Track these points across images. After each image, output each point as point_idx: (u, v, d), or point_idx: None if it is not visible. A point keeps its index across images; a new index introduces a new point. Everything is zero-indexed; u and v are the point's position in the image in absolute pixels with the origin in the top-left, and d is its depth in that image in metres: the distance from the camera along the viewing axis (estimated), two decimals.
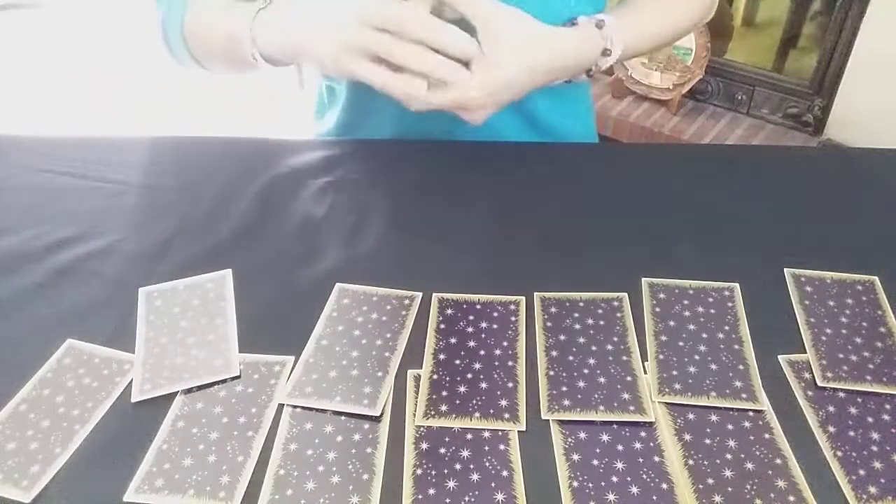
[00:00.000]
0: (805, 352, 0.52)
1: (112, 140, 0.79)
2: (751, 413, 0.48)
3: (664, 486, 0.44)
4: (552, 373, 0.51)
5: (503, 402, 0.49)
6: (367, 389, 0.50)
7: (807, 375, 0.51)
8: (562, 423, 0.48)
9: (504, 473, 0.44)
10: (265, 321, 0.56)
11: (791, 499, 0.43)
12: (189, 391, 0.51)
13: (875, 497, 0.43)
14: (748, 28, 1.99)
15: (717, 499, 0.43)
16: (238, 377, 0.51)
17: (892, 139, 1.66)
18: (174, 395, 0.50)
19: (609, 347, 0.53)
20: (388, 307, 0.56)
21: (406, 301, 0.57)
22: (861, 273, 0.58)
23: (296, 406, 0.49)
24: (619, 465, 0.45)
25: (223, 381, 0.51)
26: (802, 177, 0.71)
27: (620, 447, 0.46)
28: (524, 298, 0.57)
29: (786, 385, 0.50)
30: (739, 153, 0.89)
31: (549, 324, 0.55)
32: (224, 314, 0.56)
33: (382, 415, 0.48)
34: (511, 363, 0.52)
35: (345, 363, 0.52)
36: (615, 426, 0.47)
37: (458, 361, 0.52)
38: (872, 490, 0.43)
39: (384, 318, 0.55)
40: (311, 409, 0.49)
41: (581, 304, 0.56)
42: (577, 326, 0.54)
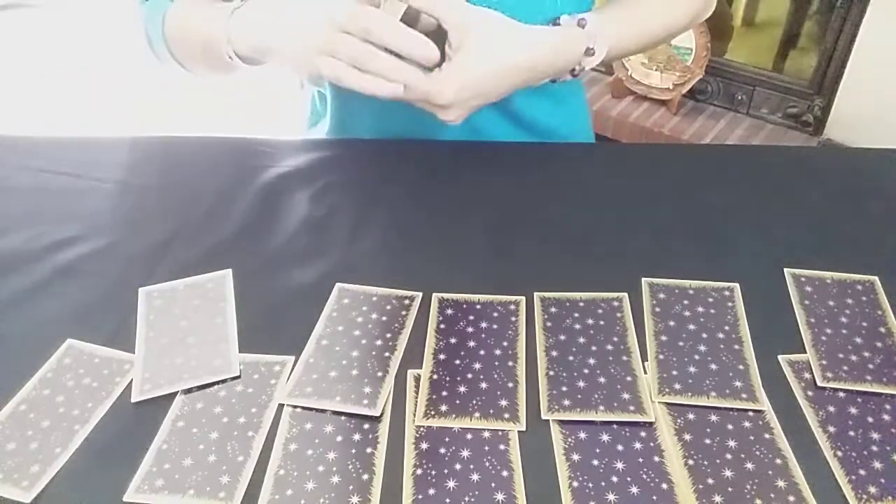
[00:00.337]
0: (805, 352, 0.52)
1: (112, 140, 0.79)
2: (751, 413, 0.48)
3: (664, 486, 0.44)
4: (552, 373, 0.51)
5: (503, 402, 0.49)
6: (367, 389, 0.50)
7: (807, 375, 0.51)
8: (562, 423, 0.48)
9: (504, 473, 0.44)
10: (265, 321, 0.56)
11: (791, 499, 0.43)
12: (189, 391, 0.51)
13: (875, 497, 0.43)
14: (748, 28, 1.99)
15: (717, 499, 0.43)
16: (238, 377, 0.51)
17: (892, 139, 1.66)
18: (174, 395, 0.50)
19: (609, 347, 0.53)
20: (388, 307, 0.56)
21: (406, 301, 0.57)
22: (861, 273, 0.58)
23: (296, 406, 0.49)
24: (619, 465, 0.45)
25: (223, 381, 0.51)
26: (802, 177, 0.71)
27: (620, 447, 0.46)
28: (524, 298, 0.57)
29: (786, 385, 0.50)
30: (739, 153, 0.89)
31: (549, 324, 0.55)
32: (224, 314, 0.56)
33: (382, 415, 0.48)
34: (511, 363, 0.52)
35: (345, 363, 0.52)
36: (615, 426, 0.47)
37: (458, 361, 0.52)
38: (872, 490, 0.43)
39: (384, 318, 0.55)
40: (311, 409, 0.49)
41: (581, 304, 0.56)
42: (577, 326, 0.54)
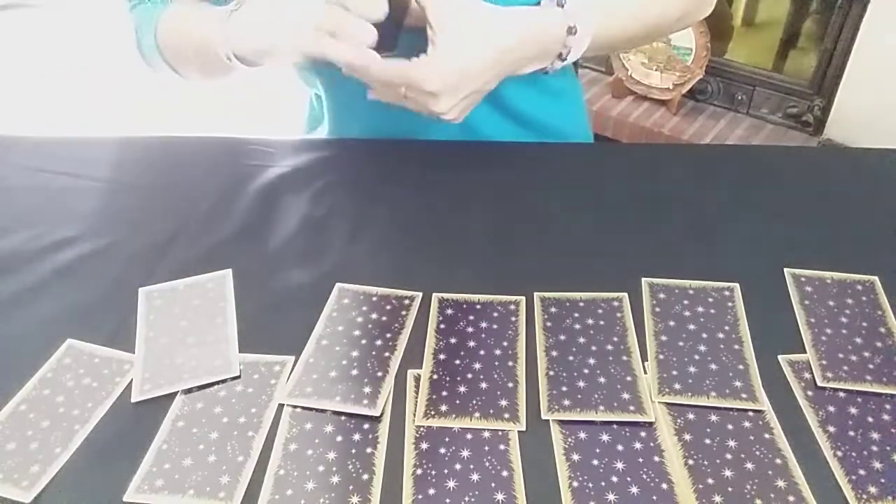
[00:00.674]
0: (805, 352, 0.52)
1: (112, 140, 0.79)
2: (751, 413, 0.48)
3: (664, 486, 0.44)
4: (552, 373, 0.51)
5: (503, 402, 0.49)
6: (367, 389, 0.50)
7: (807, 375, 0.51)
8: (562, 423, 0.48)
9: (504, 473, 0.44)
10: (265, 321, 0.56)
11: (791, 499, 0.43)
12: (189, 391, 0.51)
13: (875, 497, 0.43)
14: (748, 28, 1.99)
15: (717, 499, 0.43)
16: (238, 377, 0.51)
17: (892, 139, 1.66)
18: (174, 395, 0.50)
19: (609, 347, 0.53)
20: (388, 307, 0.56)
21: (406, 301, 0.57)
22: (861, 273, 0.58)
23: (296, 406, 0.49)
24: (619, 465, 0.45)
25: (223, 381, 0.51)
26: (802, 177, 0.71)
27: (620, 447, 0.46)
28: (524, 298, 0.57)
29: (786, 385, 0.50)
30: (739, 153, 0.89)
31: (549, 324, 0.55)
32: (224, 314, 0.56)
33: (382, 415, 0.48)
34: (511, 363, 0.52)
35: (345, 363, 0.52)
36: (615, 426, 0.47)
37: (458, 361, 0.52)
38: (872, 490, 0.43)
39: (384, 318, 0.55)
40: (311, 409, 0.49)
41: (581, 304, 0.56)
42: (577, 326, 0.54)
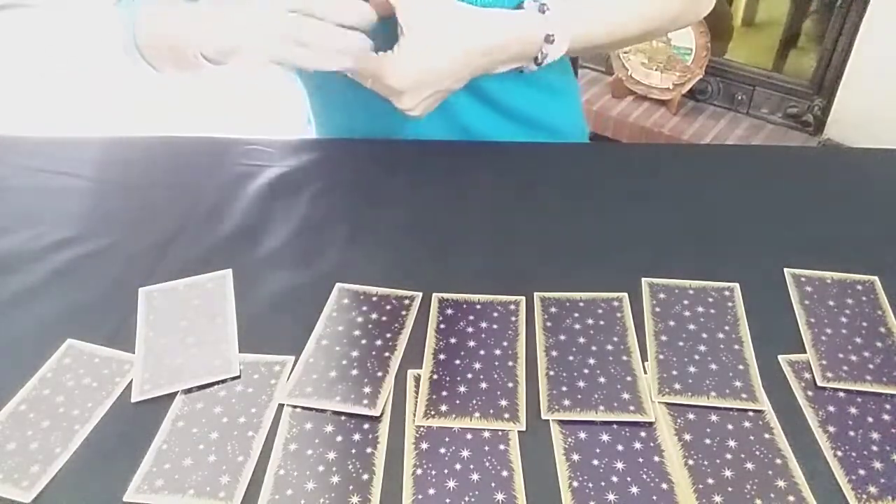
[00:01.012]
0: (805, 352, 0.52)
1: (112, 140, 0.79)
2: (751, 413, 0.48)
3: (664, 486, 0.44)
4: (552, 373, 0.51)
5: (503, 402, 0.49)
6: (367, 389, 0.50)
7: (807, 375, 0.51)
8: (562, 423, 0.48)
9: (504, 473, 0.44)
10: (265, 321, 0.56)
11: (791, 499, 0.43)
12: (189, 391, 0.51)
13: (875, 497, 0.43)
14: (748, 28, 1.99)
15: (717, 499, 0.43)
16: (238, 377, 0.51)
17: (892, 139, 1.66)
18: (174, 395, 0.50)
19: (609, 347, 0.53)
20: (388, 307, 0.56)
21: (406, 301, 0.57)
22: (861, 273, 0.58)
23: (296, 406, 0.49)
24: (619, 465, 0.45)
25: (223, 381, 0.51)
26: (802, 177, 0.71)
27: (620, 447, 0.46)
28: (524, 298, 0.57)
29: (786, 385, 0.50)
30: (739, 153, 0.89)
31: (549, 324, 0.55)
32: (224, 314, 0.56)
33: (382, 415, 0.48)
34: (511, 363, 0.52)
35: (345, 363, 0.52)
36: (615, 426, 0.47)
37: (458, 361, 0.52)
38: (872, 490, 0.43)
39: (384, 318, 0.55)
40: (311, 409, 0.49)
41: (581, 304, 0.56)
42: (577, 326, 0.54)
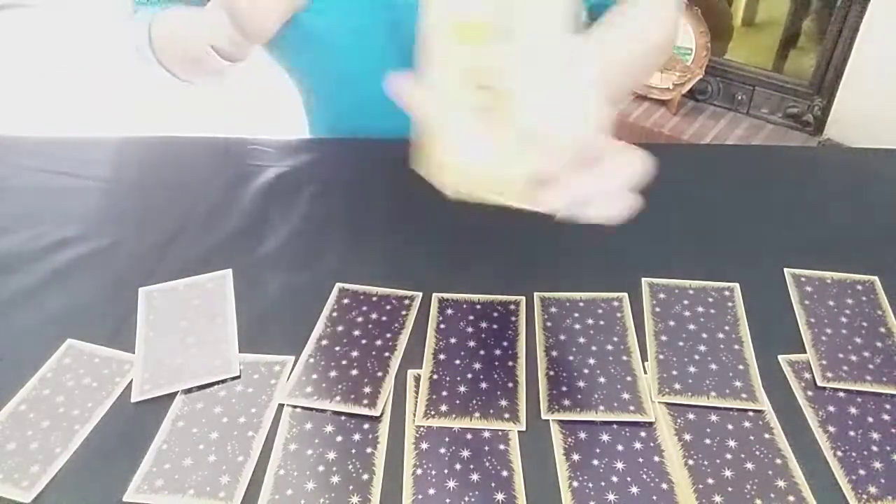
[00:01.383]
0: (805, 352, 0.52)
1: (112, 140, 0.79)
2: (751, 413, 0.48)
3: (664, 486, 0.44)
4: (552, 373, 0.51)
5: (503, 402, 0.49)
6: (367, 389, 0.50)
7: (807, 375, 0.51)
8: (562, 423, 0.48)
9: (504, 473, 0.44)
10: (265, 321, 0.56)
11: (791, 499, 0.43)
12: (189, 391, 0.50)
13: (875, 497, 0.43)
14: (748, 28, 1.99)
15: (717, 499, 0.43)
16: (238, 377, 0.51)
17: (892, 139, 1.66)
18: (174, 395, 0.50)
19: (609, 347, 0.53)
20: (388, 307, 0.56)
21: (406, 301, 0.57)
22: (861, 273, 0.58)
23: (296, 406, 0.49)
24: (619, 465, 0.45)
25: (223, 381, 0.51)
26: (802, 177, 0.71)
27: (620, 447, 0.46)
28: (524, 298, 0.57)
29: (786, 385, 0.50)
30: (739, 153, 0.89)
31: (549, 324, 0.55)
32: (224, 314, 0.56)
33: (382, 415, 0.48)
34: (511, 363, 0.52)
35: (345, 363, 0.52)
36: (615, 426, 0.47)
37: (458, 361, 0.52)
38: (872, 490, 0.43)
39: (384, 318, 0.55)
40: (311, 409, 0.49)
41: (581, 304, 0.56)
42: (577, 326, 0.54)
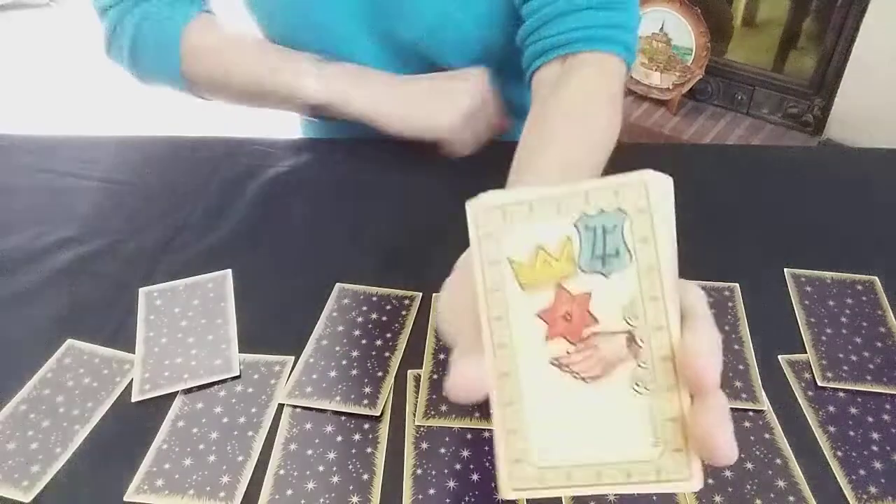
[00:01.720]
0: (805, 352, 0.52)
1: (113, 140, 0.79)
2: (751, 413, 0.48)
3: None
4: None
5: None
6: (367, 389, 0.50)
7: (807, 375, 0.51)
8: None
9: None
10: (265, 321, 0.56)
11: (791, 499, 0.43)
12: (189, 391, 0.51)
13: (875, 497, 0.43)
14: (748, 28, 1.99)
15: (717, 499, 0.43)
16: (238, 377, 0.51)
17: (892, 139, 1.66)
18: (174, 395, 0.50)
19: None
20: (388, 307, 0.56)
21: (406, 301, 0.57)
22: (861, 273, 0.58)
23: (296, 406, 0.49)
24: None
25: (223, 381, 0.51)
26: (802, 177, 0.71)
27: None
28: None
29: (786, 385, 0.50)
30: (739, 153, 0.89)
31: None
32: (224, 314, 0.56)
33: (382, 415, 0.48)
34: None
35: (345, 363, 0.52)
36: None
37: None
38: (872, 490, 0.43)
39: (384, 318, 0.55)
40: (311, 409, 0.49)
41: None
42: None
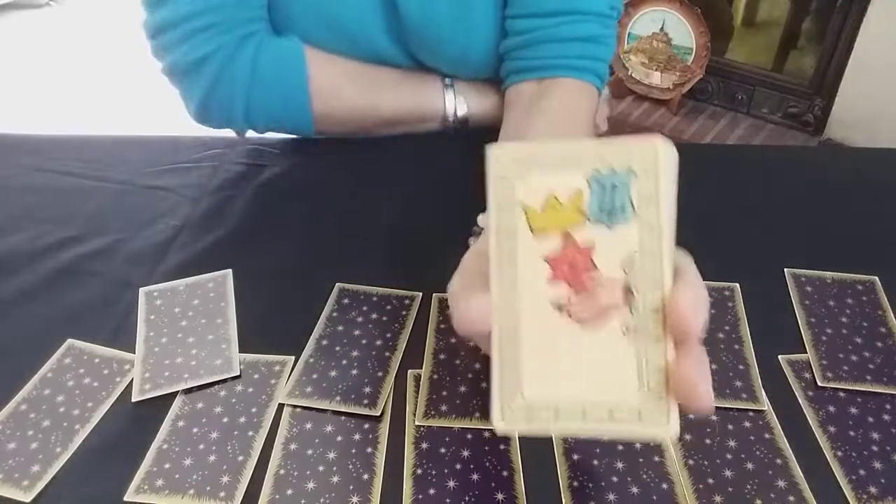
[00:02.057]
0: (805, 352, 0.52)
1: (113, 140, 0.79)
2: (751, 413, 0.48)
3: (664, 486, 0.44)
4: None
5: None
6: (368, 389, 0.50)
7: (807, 375, 0.51)
8: None
9: (504, 473, 0.45)
10: (266, 321, 0.56)
11: (791, 499, 0.43)
12: (189, 391, 0.51)
13: (875, 497, 0.43)
14: (748, 28, 1.99)
15: (717, 499, 0.43)
16: (238, 377, 0.51)
17: (893, 139, 1.66)
18: (174, 395, 0.50)
19: None
20: (389, 307, 0.56)
21: (406, 301, 0.57)
22: (861, 273, 0.58)
23: (296, 406, 0.49)
24: (619, 465, 0.45)
25: (223, 381, 0.51)
26: (802, 177, 0.71)
27: (620, 447, 0.46)
28: None
29: (786, 385, 0.50)
30: (740, 153, 0.89)
31: None
32: (224, 314, 0.56)
33: (382, 415, 0.48)
34: None
35: (345, 363, 0.52)
36: None
37: (459, 361, 0.52)
38: (873, 490, 0.43)
39: (384, 318, 0.55)
40: (312, 409, 0.49)
41: None
42: None
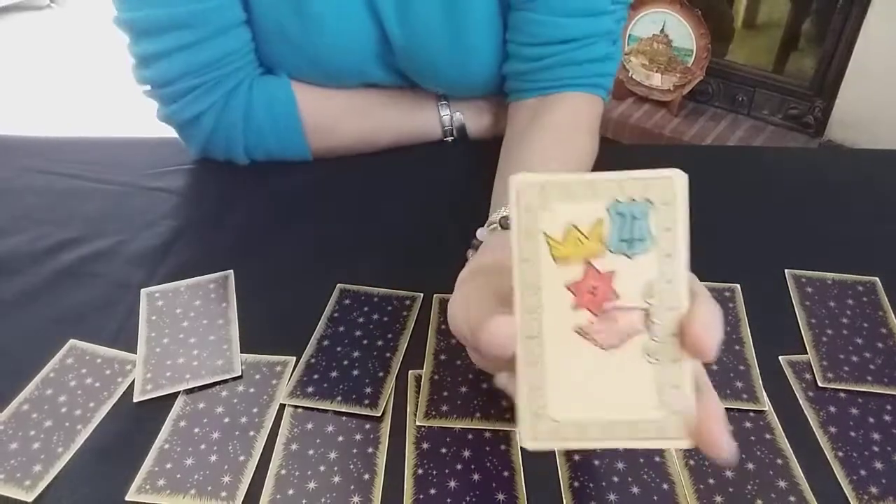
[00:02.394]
0: (806, 352, 0.52)
1: (114, 141, 0.79)
2: (752, 413, 0.48)
3: (665, 486, 0.44)
4: None
5: (505, 403, 0.49)
6: (369, 390, 0.50)
7: (807, 376, 0.51)
8: None
9: (505, 473, 0.45)
10: (267, 322, 0.56)
11: (791, 499, 0.43)
12: (191, 391, 0.51)
13: (876, 497, 0.43)
14: (749, 29, 1.99)
15: (718, 499, 0.43)
16: (240, 377, 0.51)
17: (893, 140, 1.66)
18: (176, 395, 0.50)
19: None
20: (390, 308, 0.56)
21: (407, 301, 0.57)
22: (862, 273, 0.58)
23: (297, 406, 0.49)
24: (620, 465, 0.45)
25: (225, 382, 0.51)
26: (803, 178, 0.71)
27: (621, 448, 0.46)
28: None
29: (787, 385, 0.50)
30: (740, 154, 0.89)
31: None
32: (226, 315, 0.56)
33: (383, 415, 0.48)
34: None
35: (346, 363, 0.52)
36: None
37: (459, 362, 0.52)
38: (873, 490, 0.43)
39: (385, 319, 0.55)
40: (313, 410, 0.49)
41: None
42: None
